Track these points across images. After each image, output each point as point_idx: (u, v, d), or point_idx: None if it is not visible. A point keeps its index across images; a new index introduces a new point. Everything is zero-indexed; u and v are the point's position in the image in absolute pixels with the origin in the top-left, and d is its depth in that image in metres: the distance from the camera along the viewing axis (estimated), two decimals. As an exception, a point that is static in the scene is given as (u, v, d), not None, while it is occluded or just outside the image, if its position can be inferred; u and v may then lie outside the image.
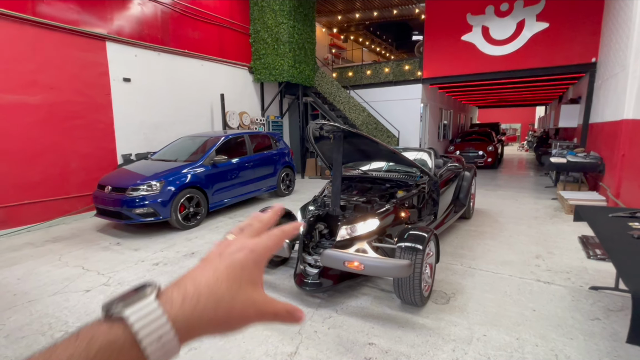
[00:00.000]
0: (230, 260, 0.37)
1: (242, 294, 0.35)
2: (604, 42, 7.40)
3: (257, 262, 0.38)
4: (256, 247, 0.39)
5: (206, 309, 0.33)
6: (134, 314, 0.30)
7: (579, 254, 3.92)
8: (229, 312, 0.34)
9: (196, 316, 0.32)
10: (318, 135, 3.40)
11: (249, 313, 0.36)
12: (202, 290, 0.34)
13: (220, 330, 0.35)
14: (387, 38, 18.12)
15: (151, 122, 6.97)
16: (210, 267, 0.36)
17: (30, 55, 5.17)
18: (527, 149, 20.93)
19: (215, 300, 0.34)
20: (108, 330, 0.29)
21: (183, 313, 0.32)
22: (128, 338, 0.29)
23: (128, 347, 0.29)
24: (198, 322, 0.33)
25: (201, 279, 0.35)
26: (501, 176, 10.17)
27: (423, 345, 2.36)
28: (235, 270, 0.36)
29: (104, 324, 0.30)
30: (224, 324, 0.34)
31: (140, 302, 0.31)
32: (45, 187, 5.44)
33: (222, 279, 0.35)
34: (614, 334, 2.44)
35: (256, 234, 0.41)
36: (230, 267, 0.36)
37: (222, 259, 0.37)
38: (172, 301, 0.32)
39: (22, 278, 3.53)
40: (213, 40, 8.34)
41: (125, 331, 0.29)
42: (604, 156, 6.32)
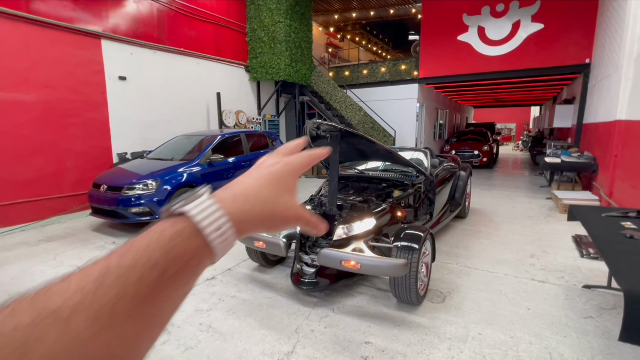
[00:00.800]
0: (270, 170, 0.41)
1: (281, 198, 0.40)
2: (598, 43, 7.48)
3: (293, 172, 0.43)
4: (290, 161, 0.43)
5: (255, 206, 0.37)
6: (193, 209, 0.34)
7: (573, 253, 3.97)
8: (273, 212, 0.39)
9: (246, 211, 0.37)
10: (315, 135, 3.41)
11: (289, 215, 0.41)
12: (249, 190, 0.38)
13: (265, 227, 0.39)
14: (383, 37, 18.16)
15: (147, 120, 6.93)
16: (252, 175, 0.41)
17: (24, 52, 5.11)
18: (522, 149, 21.09)
19: (261, 199, 0.38)
20: (173, 223, 0.33)
21: (235, 209, 0.36)
22: (192, 228, 0.33)
23: (194, 236, 0.32)
24: (248, 217, 0.37)
25: (247, 183, 0.39)
26: (496, 176, 10.25)
27: (419, 343, 2.38)
28: (275, 178, 0.41)
29: (167, 221, 0.33)
30: (269, 220, 0.39)
31: (197, 199, 0.35)
32: (40, 185, 5.38)
33: (265, 184, 0.40)
34: (607, 331, 2.47)
35: (289, 153, 0.46)
36: (270, 174, 0.41)
37: (262, 170, 0.42)
38: (224, 199, 0.36)
39: (16, 278, 3.50)
40: (209, 38, 8.30)
41: (188, 222, 0.33)
42: (597, 156, 6.39)
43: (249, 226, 0.37)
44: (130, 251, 0.30)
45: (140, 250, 0.30)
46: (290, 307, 2.88)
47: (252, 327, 2.61)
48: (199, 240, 0.33)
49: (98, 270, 0.29)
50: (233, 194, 0.38)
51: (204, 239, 0.33)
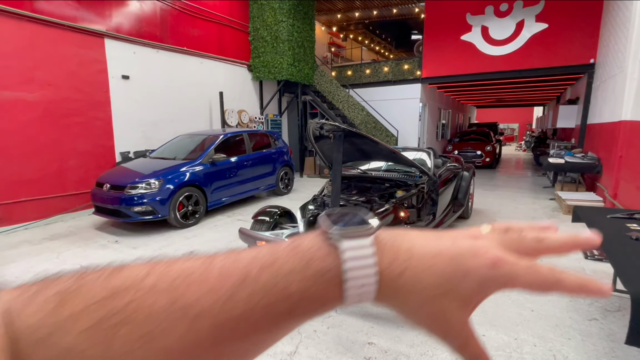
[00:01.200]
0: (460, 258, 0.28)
1: (441, 304, 0.28)
2: (603, 43, 7.43)
3: (489, 284, 0.28)
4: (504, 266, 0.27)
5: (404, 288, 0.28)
6: (350, 250, 0.28)
7: (577, 255, 3.94)
8: (419, 309, 0.29)
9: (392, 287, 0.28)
10: (318, 135, 3.40)
11: (435, 325, 0.29)
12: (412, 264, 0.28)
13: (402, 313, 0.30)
14: (386, 37, 18.12)
15: (150, 119, 6.94)
16: (434, 246, 0.29)
17: (28, 51, 5.13)
18: (525, 149, 21.01)
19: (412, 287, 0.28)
20: (324, 257, 0.28)
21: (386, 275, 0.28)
22: (337, 273, 0.28)
23: (335, 282, 0.28)
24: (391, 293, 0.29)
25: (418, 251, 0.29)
26: (499, 176, 10.21)
27: (422, 345, 2.37)
28: (456, 271, 0.28)
29: (322, 249, 0.29)
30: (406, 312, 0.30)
31: (360, 239, 0.28)
32: (43, 184, 5.41)
33: (435, 271, 0.28)
34: (612, 334, 2.46)
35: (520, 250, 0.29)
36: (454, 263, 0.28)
37: (454, 245, 0.29)
38: (383, 254, 0.28)
39: (20, 276, 3.52)
40: (212, 38, 8.31)
41: (336, 264, 0.28)
42: (601, 157, 6.35)
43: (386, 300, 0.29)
44: (271, 268, 0.27)
45: (281, 274, 0.27)
46: (293, 307, 2.88)
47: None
48: (338, 289, 0.28)
49: (237, 275, 0.27)
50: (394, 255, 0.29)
51: (341, 290, 0.28)
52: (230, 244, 4.38)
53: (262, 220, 3.50)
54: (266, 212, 3.58)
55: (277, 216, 3.54)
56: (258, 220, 3.52)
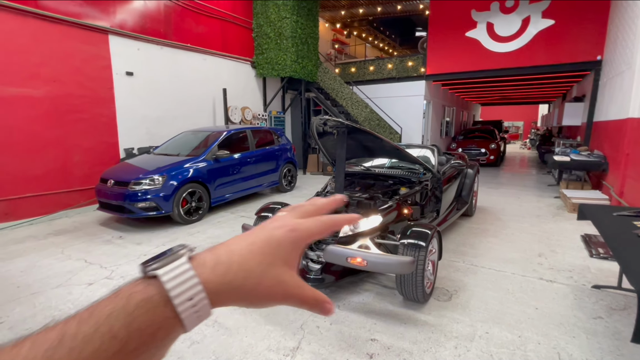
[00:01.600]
0: (269, 234, 0.36)
1: (272, 271, 0.35)
2: (610, 39, 7.33)
3: (296, 242, 0.37)
4: (299, 227, 0.38)
5: (236, 278, 0.33)
6: (167, 273, 0.31)
7: (582, 253, 3.91)
8: (257, 286, 0.34)
9: (225, 283, 0.33)
10: (322, 131, 3.39)
11: (276, 292, 0.35)
12: (234, 258, 0.34)
13: (245, 302, 0.35)
14: (390, 34, 18.01)
15: (153, 116, 6.96)
16: (247, 238, 0.36)
17: (32, 47, 5.15)
18: (530, 147, 20.85)
19: (244, 272, 0.34)
20: (144, 288, 0.30)
21: (214, 278, 0.32)
22: (162, 296, 0.30)
23: (162, 305, 0.30)
24: (226, 289, 0.33)
25: (235, 248, 0.35)
26: (503, 174, 10.14)
27: (425, 341, 2.36)
28: (270, 246, 0.36)
29: (140, 283, 0.31)
30: (251, 296, 0.35)
31: (173, 262, 0.32)
32: (48, 180, 5.44)
33: (255, 252, 0.35)
34: (617, 332, 2.43)
35: (305, 215, 0.40)
36: (266, 241, 0.36)
37: (261, 231, 0.37)
38: (204, 265, 0.33)
39: (25, 270, 3.55)
40: (216, 34, 8.30)
41: (159, 289, 0.30)
42: (607, 155, 6.29)
43: (226, 299, 0.33)
44: (91, 318, 0.28)
45: (101, 318, 0.28)
46: (296, 303, 2.88)
47: (258, 322, 2.61)
48: (167, 311, 0.30)
49: (52, 339, 0.26)
50: (216, 259, 0.33)
51: (173, 309, 0.30)
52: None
53: (266, 216, 3.50)
54: (269, 209, 3.57)
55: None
56: (261, 217, 3.52)
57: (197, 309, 0.31)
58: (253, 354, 2.26)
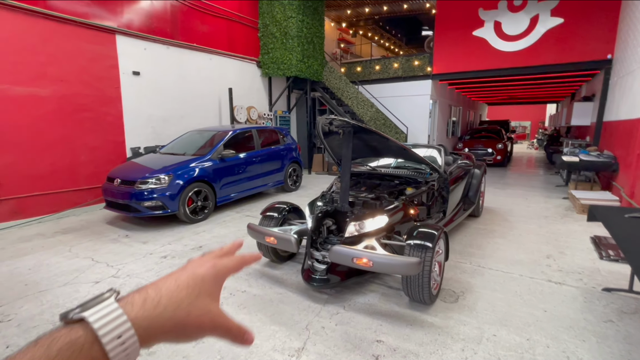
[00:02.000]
0: (192, 272, 0.40)
1: (199, 303, 0.38)
2: (621, 38, 7.21)
3: (217, 277, 0.42)
4: (217, 264, 0.43)
5: (166, 310, 0.35)
6: (94, 314, 0.31)
7: (591, 255, 3.85)
8: (186, 316, 0.36)
9: (155, 316, 0.34)
10: (327, 131, 3.37)
11: (204, 322, 0.38)
12: (163, 293, 0.36)
13: (177, 334, 0.36)
14: (396, 33, 17.91)
15: (160, 115, 6.99)
16: (172, 277, 0.39)
17: (40, 47, 5.20)
18: (537, 147, 20.61)
19: (174, 303, 0.36)
20: (68, 332, 0.30)
21: (143, 313, 0.33)
22: (89, 337, 0.30)
23: (89, 346, 0.29)
24: (157, 322, 0.34)
25: (162, 285, 0.38)
26: (510, 174, 10.04)
27: (432, 343, 2.34)
28: (195, 280, 0.39)
29: (63, 329, 0.30)
30: (181, 328, 0.36)
31: (100, 304, 0.32)
32: (55, 178, 5.50)
33: (182, 287, 0.38)
34: (628, 336, 2.38)
35: (220, 256, 0.46)
36: (191, 277, 0.39)
37: (184, 272, 0.40)
38: (132, 303, 0.34)
39: (33, 268, 3.58)
40: (222, 34, 8.31)
41: (85, 330, 0.30)
42: (618, 155, 6.18)
43: (156, 333, 0.34)
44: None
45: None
46: (301, 303, 2.87)
47: (263, 322, 2.60)
48: (95, 351, 0.29)
49: None
50: (144, 297, 0.35)
51: (102, 349, 0.29)
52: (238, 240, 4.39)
53: (271, 216, 3.50)
54: (275, 208, 3.57)
55: (285, 212, 3.53)
56: (267, 216, 3.51)
57: (125, 347, 0.31)
58: (258, 354, 2.25)
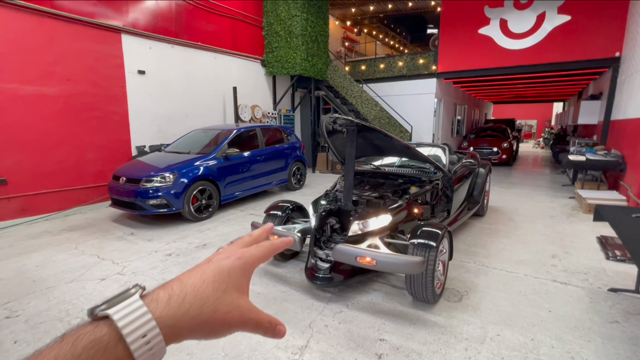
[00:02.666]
0: (218, 265, 0.38)
1: (226, 298, 0.36)
2: (630, 35, 7.11)
3: (244, 269, 0.39)
4: (244, 254, 0.40)
5: (192, 308, 0.34)
6: (118, 312, 0.31)
7: (597, 255, 3.81)
8: (213, 314, 0.35)
9: (181, 315, 0.33)
10: (331, 129, 3.37)
11: (233, 317, 0.36)
12: (188, 290, 0.35)
13: (204, 332, 0.35)
14: (401, 31, 17.82)
15: (165, 114, 7.04)
16: (198, 271, 0.37)
17: (47, 47, 5.25)
18: (543, 147, 20.42)
19: (200, 300, 0.34)
20: (93, 329, 0.30)
21: (168, 312, 0.32)
22: (113, 335, 0.29)
23: (113, 344, 0.29)
24: (183, 320, 0.33)
25: (188, 281, 0.36)
26: (516, 174, 9.96)
27: (435, 343, 2.33)
28: (222, 274, 0.37)
29: (89, 325, 0.30)
30: (208, 326, 0.35)
31: (124, 301, 0.32)
32: (62, 177, 5.56)
33: (208, 282, 0.36)
34: (634, 337, 2.36)
35: (247, 245, 0.43)
36: (217, 271, 0.37)
37: (210, 264, 0.38)
38: (157, 300, 0.33)
39: (40, 265, 3.63)
40: (226, 33, 8.33)
41: (110, 328, 0.30)
42: (625, 154, 6.11)
43: (182, 332, 0.33)
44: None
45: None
46: (304, 301, 2.88)
47: (266, 320, 2.61)
48: (120, 351, 0.29)
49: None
50: (169, 293, 0.34)
51: (127, 348, 0.29)
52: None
53: (275, 214, 3.51)
54: (278, 207, 3.58)
55: (289, 211, 3.54)
56: (270, 215, 3.53)
57: (150, 346, 0.30)
58: (262, 352, 2.27)
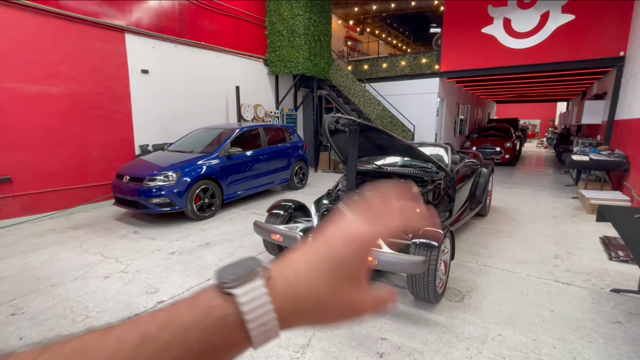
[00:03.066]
0: (334, 252, 0.35)
1: (342, 295, 0.35)
2: (635, 34, 7.06)
3: (363, 257, 0.36)
4: (368, 238, 0.36)
5: (307, 306, 0.34)
6: (245, 295, 0.31)
7: (600, 255, 3.80)
8: (328, 311, 0.35)
9: (296, 310, 0.33)
10: (334, 129, 3.38)
11: (347, 314, 0.36)
12: (303, 283, 0.34)
13: (317, 324, 0.36)
14: (404, 31, 17.78)
15: (168, 113, 7.07)
16: (313, 256, 0.35)
17: (53, 46, 5.29)
18: (547, 146, 20.33)
19: (315, 297, 0.34)
20: (222, 304, 0.31)
21: (285, 305, 0.33)
22: (238, 318, 0.31)
23: (237, 327, 0.31)
24: (297, 315, 0.34)
25: (302, 270, 0.35)
26: (519, 173, 9.93)
27: (436, 342, 2.34)
28: (336, 264, 0.35)
29: (218, 297, 0.32)
30: (321, 320, 0.35)
31: (251, 283, 0.32)
32: (67, 175, 5.60)
33: (322, 276, 0.34)
34: (636, 338, 2.36)
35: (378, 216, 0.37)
36: (332, 261, 0.35)
37: (325, 247, 0.35)
38: (276, 290, 0.33)
39: (45, 263, 3.67)
40: (229, 32, 8.35)
41: (235, 310, 0.31)
42: (629, 154, 6.08)
43: (295, 323, 0.34)
44: (170, 324, 0.29)
45: (180, 329, 0.29)
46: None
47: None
48: (241, 333, 0.31)
49: (135, 337, 0.28)
50: (286, 284, 0.33)
51: (246, 332, 0.31)
52: (245, 237, 4.43)
53: (277, 213, 3.52)
54: (281, 206, 3.59)
55: (291, 210, 3.55)
56: (273, 214, 3.54)
57: (267, 333, 0.32)
58: (263, 350, 2.28)
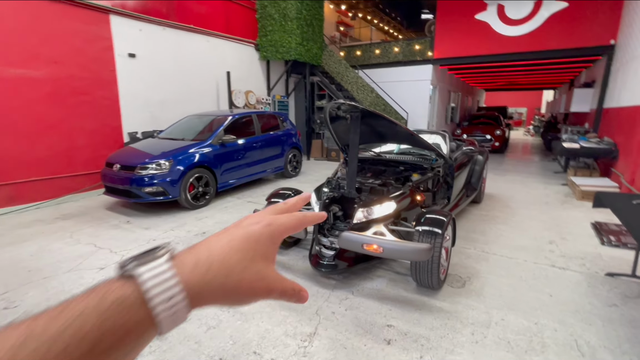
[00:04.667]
0: (246, 231, 0.37)
1: (253, 267, 0.35)
2: (625, 23, 7.13)
3: (273, 237, 0.38)
4: (274, 222, 0.39)
5: (217, 277, 0.33)
6: (146, 272, 0.30)
7: (593, 240, 3.90)
8: (239, 283, 0.34)
9: (206, 282, 0.32)
10: (335, 115, 3.31)
11: (258, 287, 0.36)
12: (214, 257, 0.34)
13: (228, 301, 0.35)
14: (396, 16, 17.57)
15: (157, 99, 6.83)
16: (226, 236, 0.36)
17: (32, 27, 4.99)
18: (533, 134, 20.68)
19: (226, 269, 0.34)
20: (120, 286, 0.29)
21: (194, 278, 0.32)
22: (138, 296, 0.29)
23: (138, 305, 0.29)
24: (208, 289, 0.32)
25: (215, 247, 0.35)
26: (508, 161, 10.08)
27: (442, 328, 2.36)
28: (249, 241, 0.36)
29: (117, 281, 0.30)
30: (233, 295, 0.34)
31: (153, 262, 0.31)
32: (52, 164, 5.38)
33: (235, 249, 0.35)
34: (633, 320, 2.43)
35: (279, 212, 0.42)
36: (245, 237, 0.36)
37: (238, 229, 0.37)
38: (184, 265, 0.32)
39: (35, 254, 3.53)
40: (219, 15, 8.06)
41: (136, 289, 0.29)
42: (618, 142, 6.21)
43: (207, 299, 0.33)
44: (62, 315, 0.27)
45: (72, 317, 0.27)
46: (309, 288, 2.88)
47: (273, 307, 2.61)
48: (142, 312, 0.29)
49: (17, 336, 0.25)
50: (196, 259, 0.33)
51: (149, 310, 0.29)
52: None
53: (276, 202, 3.45)
54: (280, 194, 3.54)
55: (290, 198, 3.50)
56: (272, 202, 3.48)
57: (174, 311, 0.30)
58: (270, 339, 2.26)
